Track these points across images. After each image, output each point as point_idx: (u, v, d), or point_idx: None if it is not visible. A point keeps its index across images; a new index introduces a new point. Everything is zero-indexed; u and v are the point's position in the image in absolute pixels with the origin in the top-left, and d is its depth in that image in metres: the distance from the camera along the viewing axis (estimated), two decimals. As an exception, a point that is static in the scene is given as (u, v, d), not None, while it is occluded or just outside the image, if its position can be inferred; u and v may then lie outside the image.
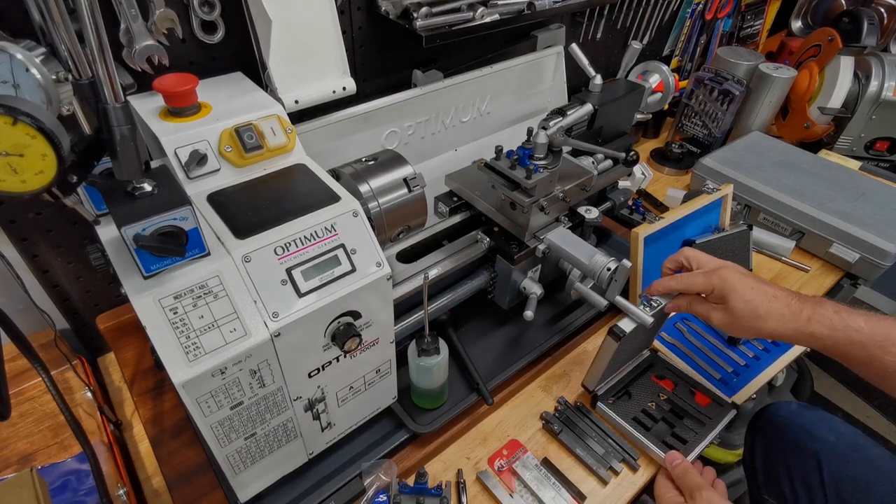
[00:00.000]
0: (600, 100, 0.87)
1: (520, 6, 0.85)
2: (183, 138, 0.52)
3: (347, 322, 0.53)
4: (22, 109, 0.34)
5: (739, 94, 1.22)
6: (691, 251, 0.67)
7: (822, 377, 1.77)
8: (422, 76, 0.90)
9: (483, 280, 0.79)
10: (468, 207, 0.82)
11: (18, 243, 0.69)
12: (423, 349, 0.66)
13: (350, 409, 0.62)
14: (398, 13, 0.77)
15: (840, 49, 1.24)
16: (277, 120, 0.57)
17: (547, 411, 0.74)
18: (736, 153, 1.15)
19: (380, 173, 0.63)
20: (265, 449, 0.55)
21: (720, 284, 0.61)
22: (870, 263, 0.96)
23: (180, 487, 0.65)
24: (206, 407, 0.46)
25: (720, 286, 0.60)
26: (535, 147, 0.71)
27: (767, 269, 1.01)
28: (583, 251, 0.72)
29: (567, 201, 0.78)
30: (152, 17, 0.61)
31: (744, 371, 0.80)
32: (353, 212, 0.52)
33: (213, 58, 0.71)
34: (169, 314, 0.44)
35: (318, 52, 0.68)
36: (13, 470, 0.62)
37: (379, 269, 0.53)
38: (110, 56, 0.38)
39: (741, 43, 1.58)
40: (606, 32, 1.24)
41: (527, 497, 0.65)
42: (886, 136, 1.24)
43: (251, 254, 0.47)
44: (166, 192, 0.44)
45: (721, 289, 0.60)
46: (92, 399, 0.70)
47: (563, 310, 0.88)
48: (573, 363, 0.82)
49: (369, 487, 0.63)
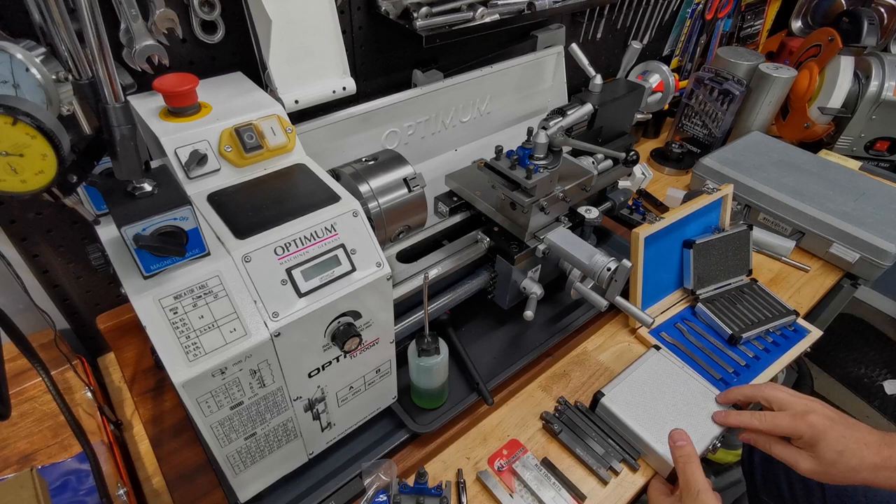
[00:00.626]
0: (600, 100, 0.87)
1: (520, 6, 0.85)
2: (183, 138, 0.52)
3: (347, 322, 0.53)
4: (22, 109, 0.34)
5: (739, 94, 1.22)
6: (771, 391, 0.65)
7: (822, 377, 1.77)
8: (422, 76, 0.90)
9: (483, 280, 0.79)
10: (468, 207, 0.82)
11: (18, 243, 0.69)
12: (423, 349, 0.66)
13: (350, 409, 0.62)
14: (398, 13, 0.77)
15: (840, 49, 1.24)
16: (277, 120, 0.57)
17: (547, 411, 0.74)
18: (736, 153, 1.15)
19: (380, 173, 0.63)
20: (265, 449, 0.55)
21: (809, 432, 0.59)
22: (870, 263, 0.96)
23: (180, 487, 0.65)
24: (206, 407, 0.46)
25: (809, 433, 0.59)
26: (535, 147, 0.71)
27: (767, 269, 1.01)
28: (583, 251, 0.72)
29: (567, 201, 0.78)
30: (152, 17, 0.61)
31: (744, 371, 0.80)
32: (353, 212, 0.52)
33: (213, 58, 0.71)
34: (169, 314, 0.44)
35: (318, 51, 0.68)
36: (13, 470, 0.62)
37: (379, 269, 0.53)
38: (110, 56, 0.38)
39: (741, 43, 1.58)
40: (606, 32, 1.24)
41: (527, 497, 0.65)
42: (886, 136, 1.24)
43: (251, 254, 0.47)
44: (166, 192, 0.44)
45: (811, 437, 0.59)
46: (92, 399, 0.70)
47: (563, 310, 0.88)
48: (573, 363, 0.82)
49: (369, 487, 0.63)
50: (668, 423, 0.69)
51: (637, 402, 0.72)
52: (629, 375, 0.75)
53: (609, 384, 0.73)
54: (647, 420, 0.70)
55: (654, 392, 0.73)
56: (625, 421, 0.70)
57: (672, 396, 0.72)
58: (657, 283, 0.89)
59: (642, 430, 0.69)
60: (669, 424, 0.68)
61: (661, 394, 0.73)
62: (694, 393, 0.73)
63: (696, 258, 0.89)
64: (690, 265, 0.89)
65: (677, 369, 0.76)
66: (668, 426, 0.66)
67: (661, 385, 0.74)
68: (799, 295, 0.96)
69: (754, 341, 0.85)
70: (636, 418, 0.70)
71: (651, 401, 0.72)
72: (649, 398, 0.72)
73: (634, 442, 0.70)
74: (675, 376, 0.75)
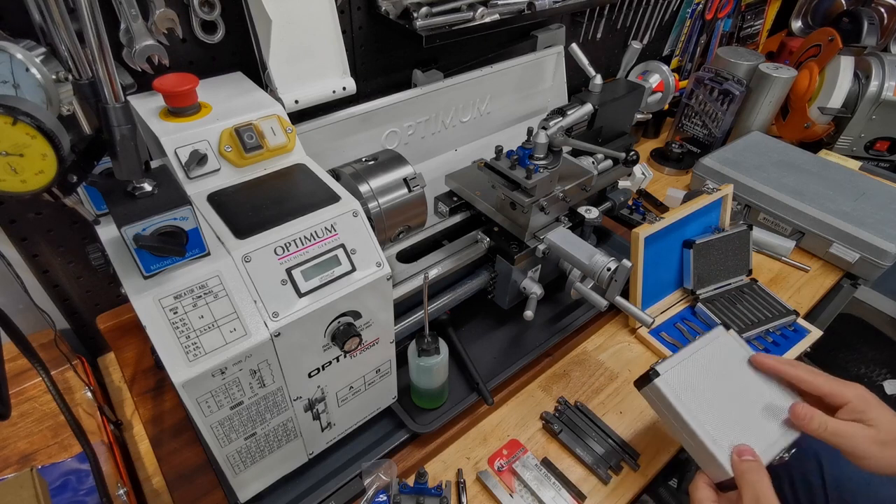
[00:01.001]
0: (600, 100, 0.87)
1: (520, 6, 0.85)
2: (183, 138, 0.52)
3: (347, 322, 0.53)
4: (22, 109, 0.34)
5: (739, 94, 1.22)
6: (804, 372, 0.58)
7: (822, 377, 1.77)
8: (422, 76, 0.90)
9: (483, 280, 0.79)
10: (468, 207, 0.82)
11: (18, 243, 0.69)
12: (423, 349, 0.66)
13: (350, 409, 0.62)
14: (398, 13, 0.77)
15: (840, 49, 1.24)
16: (277, 120, 0.57)
17: (547, 411, 0.74)
18: (736, 153, 1.16)
19: (380, 173, 0.63)
20: (265, 449, 0.55)
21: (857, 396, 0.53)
22: (870, 263, 0.96)
23: (180, 487, 0.65)
24: (206, 407, 0.46)
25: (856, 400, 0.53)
26: (535, 147, 0.71)
27: (767, 269, 1.01)
28: (583, 251, 0.72)
29: (567, 201, 0.78)
30: (152, 17, 0.61)
31: (744, 371, 0.80)
32: (353, 212, 0.52)
33: (213, 58, 0.71)
34: (169, 314, 0.44)
35: (318, 51, 0.68)
36: (13, 470, 0.62)
37: (379, 269, 0.53)
38: (110, 56, 0.38)
39: (741, 43, 1.58)
40: (606, 32, 1.24)
41: (527, 497, 0.65)
42: (886, 136, 1.24)
43: (251, 254, 0.47)
44: (166, 192, 0.44)
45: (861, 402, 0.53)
46: (92, 399, 0.70)
47: (563, 310, 0.88)
48: (573, 363, 0.82)
49: (369, 487, 0.63)
50: (732, 422, 0.58)
51: (697, 388, 0.60)
52: (692, 355, 0.63)
53: (665, 361, 0.62)
54: (707, 413, 0.58)
55: (718, 379, 0.61)
56: (679, 411, 0.58)
57: (740, 389, 0.61)
58: (657, 283, 0.89)
59: (698, 425, 0.57)
60: (733, 425, 0.57)
61: (727, 383, 0.60)
62: (766, 388, 0.61)
63: (696, 258, 0.89)
64: (690, 265, 0.89)
65: (746, 355, 0.64)
66: (732, 426, 0.57)
67: (729, 373, 0.62)
68: (799, 295, 0.96)
69: (754, 341, 0.85)
70: (692, 411, 0.58)
71: (713, 390, 0.60)
72: (711, 386, 0.60)
73: (687, 436, 0.58)
74: (745, 365, 0.63)
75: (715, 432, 0.56)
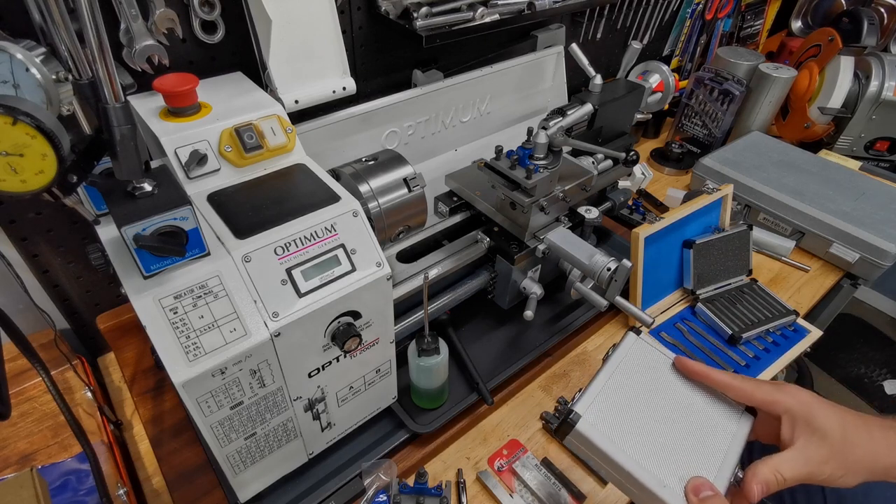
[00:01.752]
0: (600, 100, 0.87)
1: (520, 6, 0.85)
2: (183, 138, 0.52)
3: (347, 322, 0.53)
4: (22, 109, 0.34)
5: (739, 94, 1.22)
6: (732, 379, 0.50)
7: (822, 377, 1.77)
8: (422, 76, 0.90)
9: (483, 280, 0.79)
10: (468, 207, 0.82)
11: (18, 243, 0.69)
12: (423, 349, 0.66)
13: (350, 409, 0.62)
14: (398, 13, 0.77)
15: (840, 49, 1.24)
16: (277, 120, 0.57)
17: (547, 411, 0.74)
18: (736, 153, 1.16)
19: (380, 173, 0.63)
20: (265, 449, 0.55)
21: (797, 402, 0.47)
22: (870, 263, 0.96)
23: (180, 487, 0.65)
24: (206, 407, 0.46)
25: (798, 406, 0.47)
26: (535, 147, 0.71)
27: (767, 269, 1.01)
28: (583, 251, 0.72)
29: (567, 201, 0.78)
30: (152, 17, 0.61)
31: (744, 371, 0.80)
32: (353, 212, 0.52)
33: (213, 58, 0.71)
34: (169, 314, 0.44)
35: (318, 51, 0.68)
36: (13, 470, 0.62)
37: (379, 268, 0.53)
38: (110, 56, 0.38)
39: (741, 43, 1.58)
40: (606, 32, 1.24)
41: (527, 497, 0.65)
42: (886, 136, 1.24)
43: (251, 254, 0.47)
44: (166, 192, 0.44)
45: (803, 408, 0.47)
46: (92, 399, 0.70)
47: (563, 310, 0.88)
48: (573, 363, 0.82)
49: (369, 487, 0.63)
50: (675, 449, 0.48)
51: (626, 418, 0.49)
52: (610, 379, 0.52)
53: (583, 397, 0.50)
54: (645, 446, 0.48)
55: (646, 399, 0.51)
56: (614, 456, 0.47)
57: (673, 403, 0.51)
58: (657, 283, 0.89)
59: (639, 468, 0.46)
60: (677, 452, 0.48)
61: (657, 399, 0.51)
62: (699, 396, 0.52)
63: (696, 258, 0.89)
64: (690, 265, 0.89)
65: (668, 360, 0.54)
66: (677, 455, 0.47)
67: (656, 387, 0.52)
68: (799, 295, 0.96)
69: (754, 341, 0.85)
70: (627, 451, 0.47)
71: (644, 414, 0.50)
72: (641, 411, 0.50)
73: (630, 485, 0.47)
74: (671, 372, 0.53)
75: (660, 471, 0.46)
